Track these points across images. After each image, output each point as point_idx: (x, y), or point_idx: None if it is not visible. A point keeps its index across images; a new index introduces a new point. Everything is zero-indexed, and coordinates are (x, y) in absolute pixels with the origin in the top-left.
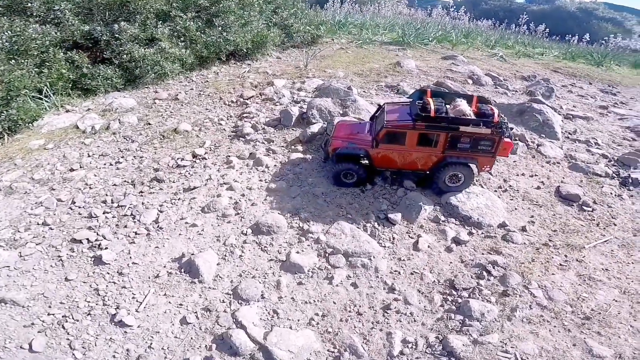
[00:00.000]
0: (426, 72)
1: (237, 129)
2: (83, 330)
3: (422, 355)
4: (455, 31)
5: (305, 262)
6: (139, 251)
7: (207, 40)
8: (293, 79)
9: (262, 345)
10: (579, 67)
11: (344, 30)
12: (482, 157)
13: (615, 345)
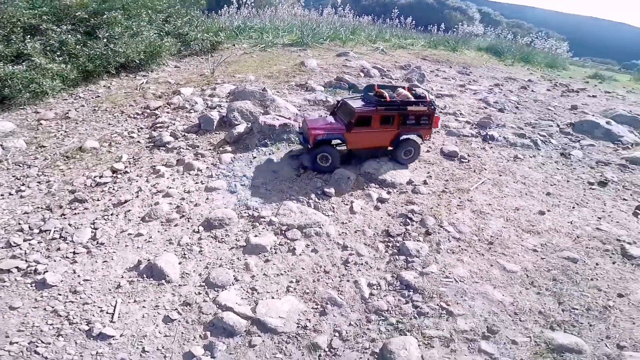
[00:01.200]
0: (327, 69)
1: (155, 139)
2: (61, 351)
3: (388, 292)
4: (343, 29)
5: (266, 241)
6: (86, 268)
7: (90, 54)
8: (201, 86)
9: (254, 319)
10: (440, 54)
11: (244, 35)
12: (423, 129)
13: (518, 262)
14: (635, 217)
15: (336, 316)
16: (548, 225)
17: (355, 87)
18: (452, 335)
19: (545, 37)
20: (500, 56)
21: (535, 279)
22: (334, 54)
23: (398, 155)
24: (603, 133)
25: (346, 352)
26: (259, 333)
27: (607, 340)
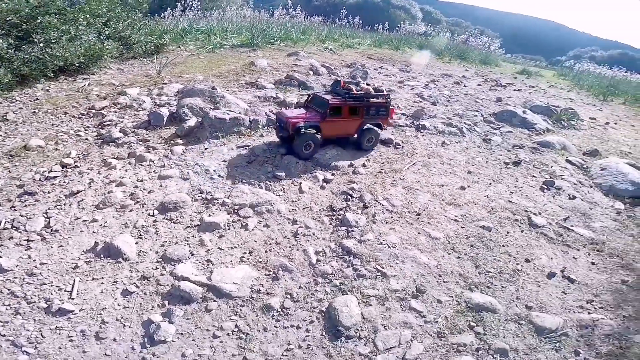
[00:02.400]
0: (277, 69)
1: (104, 136)
2: (20, 328)
3: (332, 258)
4: (294, 30)
5: (219, 219)
6: (42, 253)
7: (25, 58)
8: (148, 87)
9: (209, 286)
10: (385, 52)
11: (190, 37)
12: (382, 119)
13: (442, 230)
14: (542, 191)
15: (287, 281)
16: (468, 199)
17: (305, 84)
18: (386, 294)
19: (479, 34)
20: (439, 55)
21: (455, 245)
22: (284, 54)
23: (362, 142)
24: (520, 121)
25: (297, 312)
26: (215, 298)
27: (517, 301)
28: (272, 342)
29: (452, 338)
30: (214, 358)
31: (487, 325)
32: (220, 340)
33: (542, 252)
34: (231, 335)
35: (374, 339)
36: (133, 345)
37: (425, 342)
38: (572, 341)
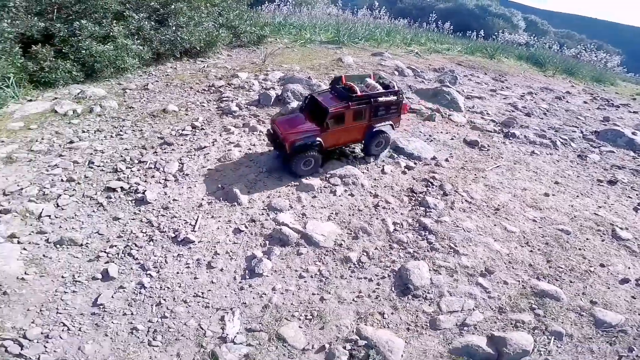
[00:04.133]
0: (362, 66)
1: (223, 109)
2: (150, 253)
3: (408, 230)
4: (379, 30)
5: (314, 183)
6: (175, 191)
7: (161, 38)
8: (254, 72)
9: (303, 233)
10: (476, 60)
11: (285, 31)
12: (394, 118)
13: (518, 226)
14: (635, 211)
15: (365, 241)
16: (550, 205)
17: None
18: (456, 268)
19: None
20: (541, 67)
21: (530, 240)
22: (369, 53)
23: (370, 147)
24: (626, 142)
25: (371, 267)
26: (305, 245)
27: (582, 295)
28: (346, 288)
29: (512, 315)
30: (298, 293)
31: (548, 310)
32: (304, 280)
33: (620, 261)
34: (314, 278)
35: (438, 302)
36: (235, 276)
37: (486, 314)
38: (629, 339)
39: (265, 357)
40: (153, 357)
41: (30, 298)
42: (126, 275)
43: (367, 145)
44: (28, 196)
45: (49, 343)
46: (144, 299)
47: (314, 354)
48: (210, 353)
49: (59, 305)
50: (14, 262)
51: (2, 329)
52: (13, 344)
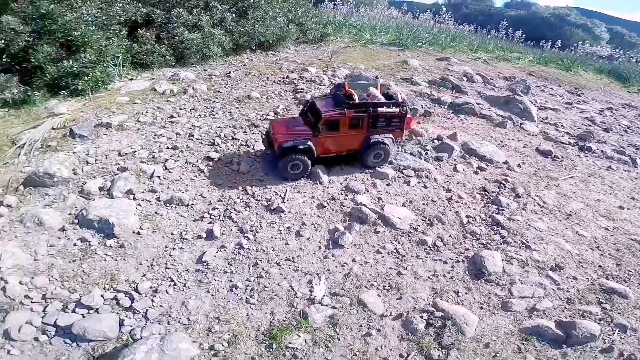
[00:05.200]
0: (429, 70)
1: (299, 99)
2: (246, 218)
3: (481, 224)
4: (444, 36)
5: (388, 172)
6: (264, 166)
7: (241, 30)
8: (322, 68)
9: (381, 214)
10: (550, 71)
11: (345, 30)
12: (394, 131)
13: (589, 232)
14: None
15: (439, 229)
16: (624, 217)
17: (459, 88)
18: (527, 261)
19: None
20: (624, 82)
21: (601, 245)
22: (433, 58)
23: (367, 158)
24: None
25: (445, 252)
26: (382, 225)
27: None
28: (421, 267)
29: (580, 306)
30: (376, 266)
31: (615, 305)
32: (382, 256)
33: None
34: (390, 254)
35: (510, 287)
36: (320, 245)
37: (554, 302)
38: None
39: (348, 319)
40: (250, 314)
41: (144, 252)
42: (227, 236)
43: (364, 156)
44: (140, 158)
45: (157, 297)
46: (242, 259)
47: (391, 320)
48: (300, 312)
49: (167, 260)
50: (131, 216)
51: (117, 281)
52: (124, 297)
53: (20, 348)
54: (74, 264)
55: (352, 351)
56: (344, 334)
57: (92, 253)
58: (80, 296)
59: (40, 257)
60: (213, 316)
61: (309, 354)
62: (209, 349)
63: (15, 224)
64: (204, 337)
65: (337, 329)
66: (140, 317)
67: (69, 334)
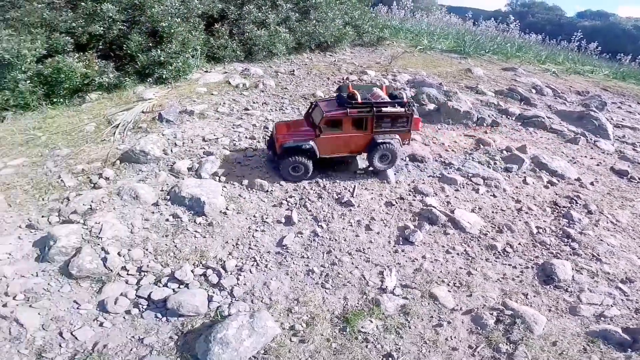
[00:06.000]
0: (494, 80)
1: None
2: (319, 208)
3: (551, 235)
4: (509, 45)
5: (457, 178)
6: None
7: (303, 30)
8: (381, 72)
9: (450, 217)
10: (628, 87)
11: (401, 35)
12: (401, 132)
13: None
14: None
15: (509, 237)
16: None
17: (528, 100)
18: (597, 272)
19: None
20: None
21: None
22: (498, 67)
23: (372, 160)
24: None
25: (515, 257)
26: (451, 227)
27: None
28: (491, 269)
29: None
30: (446, 265)
31: None
32: (451, 256)
33: None
34: (460, 255)
35: (578, 295)
36: (389, 240)
37: (622, 311)
38: None
39: (419, 310)
40: (325, 298)
41: (230, 231)
42: (302, 223)
43: (369, 158)
44: (222, 144)
45: (241, 276)
46: (317, 246)
47: (461, 314)
48: (372, 300)
49: (250, 241)
50: (219, 197)
51: (206, 257)
52: (212, 274)
53: (112, 321)
54: (166, 239)
55: (423, 339)
56: (415, 323)
57: (184, 229)
58: (172, 271)
59: (136, 230)
60: (292, 297)
61: (380, 339)
62: (289, 329)
63: (113, 196)
64: (284, 317)
65: (409, 317)
66: (226, 295)
67: (161, 308)
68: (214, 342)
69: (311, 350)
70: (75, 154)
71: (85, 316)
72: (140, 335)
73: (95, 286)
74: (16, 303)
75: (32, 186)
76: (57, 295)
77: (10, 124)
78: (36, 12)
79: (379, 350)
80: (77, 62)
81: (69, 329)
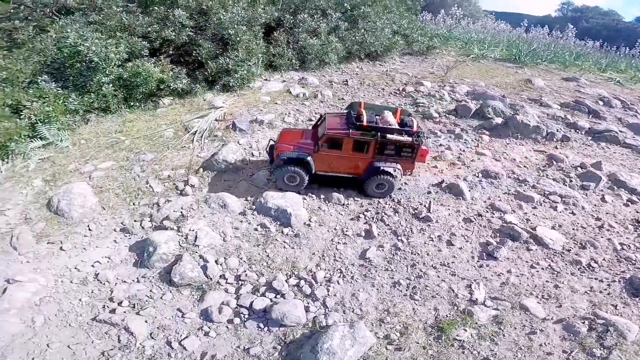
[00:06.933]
0: (557, 91)
1: (423, 113)
2: (397, 223)
3: (636, 251)
4: (567, 53)
5: (533, 195)
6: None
7: (353, 39)
8: (437, 82)
9: (532, 234)
10: None
11: (451, 44)
12: (404, 162)
13: None
14: None
15: (592, 252)
16: None
17: (597, 113)
18: None
19: None
20: None
21: None
22: (558, 77)
23: (368, 187)
24: None
25: (600, 272)
26: (534, 244)
27: None
28: (577, 283)
29: None
30: (532, 278)
31: None
32: (536, 270)
33: None
34: (545, 270)
35: None
36: (473, 255)
37: None
38: None
39: (511, 320)
40: (415, 309)
41: (315, 243)
42: (382, 236)
43: (365, 184)
44: None
45: (330, 287)
46: (400, 260)
47: (552, 323)
48: (464, 310)
49: (335, 253)
50: (302, 209)
51: (297, 268)
52: (304, 284)
53: (216, 330)
54: (258, 248)
55: (517, 345)
56: (509, 332)
57: (273, 239)
58: (266, 280)
59: (228, 238)
60: (382, 308)
61: (476, 346)
62: (384, 338)
63: (201, 204)
64: (377, 327)
65: (502, 326)
66: (319, 305)
67: (262, 317)
68: (321, 352)
69: (408, 357)
70: (159, 160)
71: (190, 325)
72: (245, 345)
73: (195, 294)
74: (123, 310)
75: (123, 190)
76: (161, 303)
77: (94, 126)
78: (115, 16)
79: (476, 356)
80: (153, 66)
81: (176, 338)
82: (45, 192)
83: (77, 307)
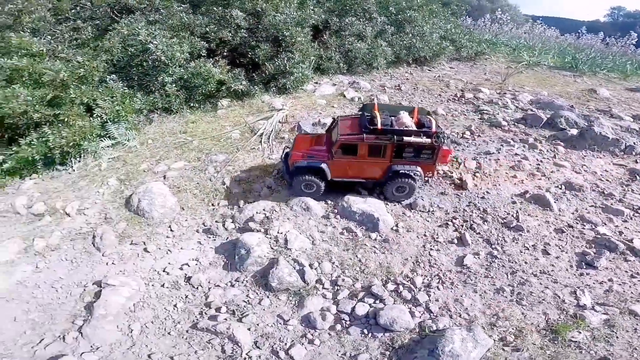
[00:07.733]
0: (625, 102)
1: (489, 121)
2: (488, 231)
3: None
4: (630, 62)
5: (622, 209)
6: (484, 185)
7: (401, 44)
8: (495, 90)
9: (630, 246)
10: None
11: (501, 49)
12: (425, 164)
13: None
14: None
15: None
16: None
17: None
18: None
19: None
20: None
21: None
22: (620, 87)
23: (388, 190)
24: None
25: None
26: (631, 255)
27: None
28: None
29: None
30: (634, 287)
31: None
32: (638, 280)
33: None
34: None
35: None
36: (571, 264)
37: None
38: None
39: (623, 323)
40: (524, 313)
41: (407, 249)
42: (475, 244)
43: (384, 187)
44: None
45: (431, 292)
46: (498, 267)
47: None
48: (575, 315)
49: (429, 259)
50: (387, 214)
51: (392, 273)
52: (404, 289)
53: (320, 337)
54: (348, 253)
55: (632, 346)
56: (621, 334)
57: (361, 244)
58: (361, 285)
59: (317, 242)
60: (490, 313)
61: (591, 346)
62: (499, 340)
63: (282, 206)
64: (489, 330)
65: (614, 329)
66: (422, 310)
67: (364, 323)
68: (443, 355)
69: (526, 357)
70: (232, 161)
71: (293, 332)
72: (350, 352)
73: (293, 299)
74: (223, 317)
75: (200, 190)
76: (260, 309)
77: (157, 126)
78: (175, 15)
79: (593, 355)
80: (213, 67)
81: (281, 347)
82: (122, 192)
83: (174, 314)
